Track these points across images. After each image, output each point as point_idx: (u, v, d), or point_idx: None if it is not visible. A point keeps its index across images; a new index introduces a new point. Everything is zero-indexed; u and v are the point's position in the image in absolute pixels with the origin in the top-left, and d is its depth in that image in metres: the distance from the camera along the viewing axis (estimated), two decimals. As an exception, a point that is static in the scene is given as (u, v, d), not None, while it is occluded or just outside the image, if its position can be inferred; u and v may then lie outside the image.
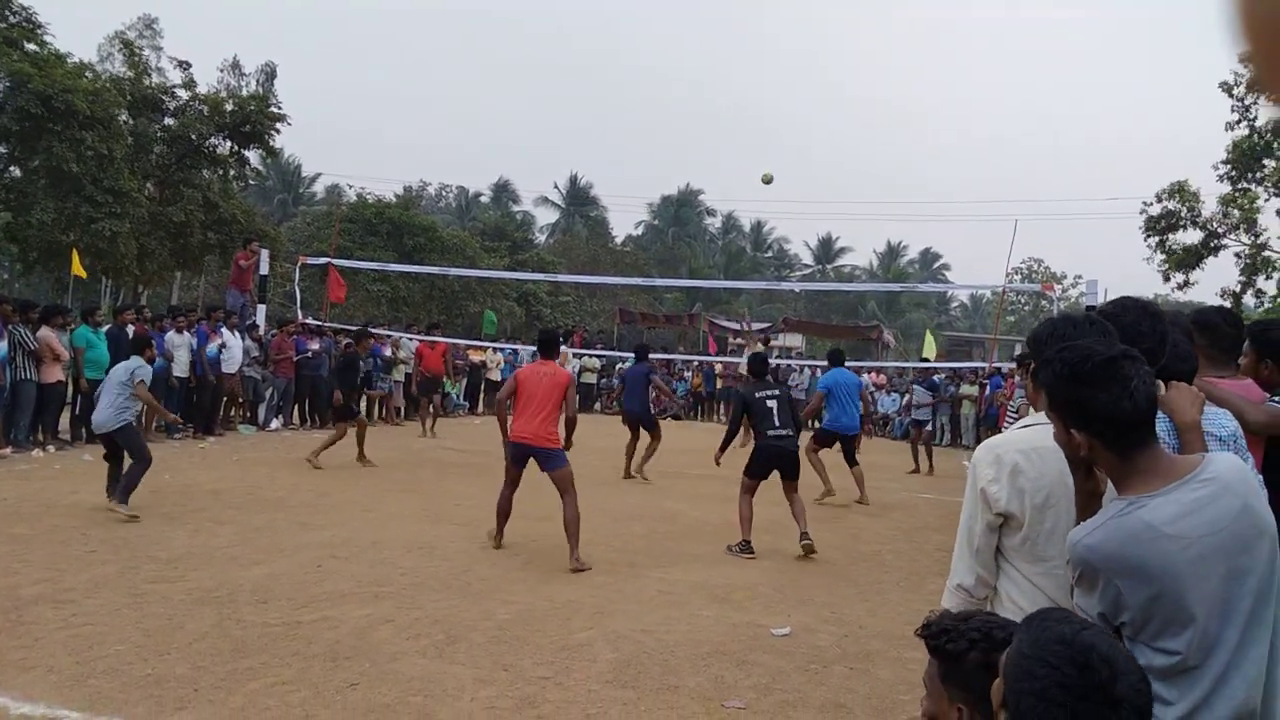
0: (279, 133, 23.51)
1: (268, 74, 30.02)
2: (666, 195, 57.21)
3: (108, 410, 7.31)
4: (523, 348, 20.49)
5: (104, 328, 11.58)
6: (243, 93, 25.99)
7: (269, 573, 5.64)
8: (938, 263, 61.28)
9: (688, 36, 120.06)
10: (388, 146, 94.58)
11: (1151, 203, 20.99)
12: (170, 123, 22.50)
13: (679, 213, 56.27)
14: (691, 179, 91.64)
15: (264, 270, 16.21)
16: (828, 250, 58.76)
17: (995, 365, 19.00)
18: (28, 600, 4.78)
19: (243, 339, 13.61)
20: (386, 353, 16.74)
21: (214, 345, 12.80)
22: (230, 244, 21.62)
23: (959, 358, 33.69)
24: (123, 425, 7.33)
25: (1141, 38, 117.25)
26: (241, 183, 26.44)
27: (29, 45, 19.11)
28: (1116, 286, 13.46)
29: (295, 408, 15.18)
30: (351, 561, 6.06)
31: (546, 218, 56.76)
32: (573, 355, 20.96)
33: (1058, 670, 1.37)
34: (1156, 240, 21.17)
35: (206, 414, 12.82)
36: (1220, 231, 20.58)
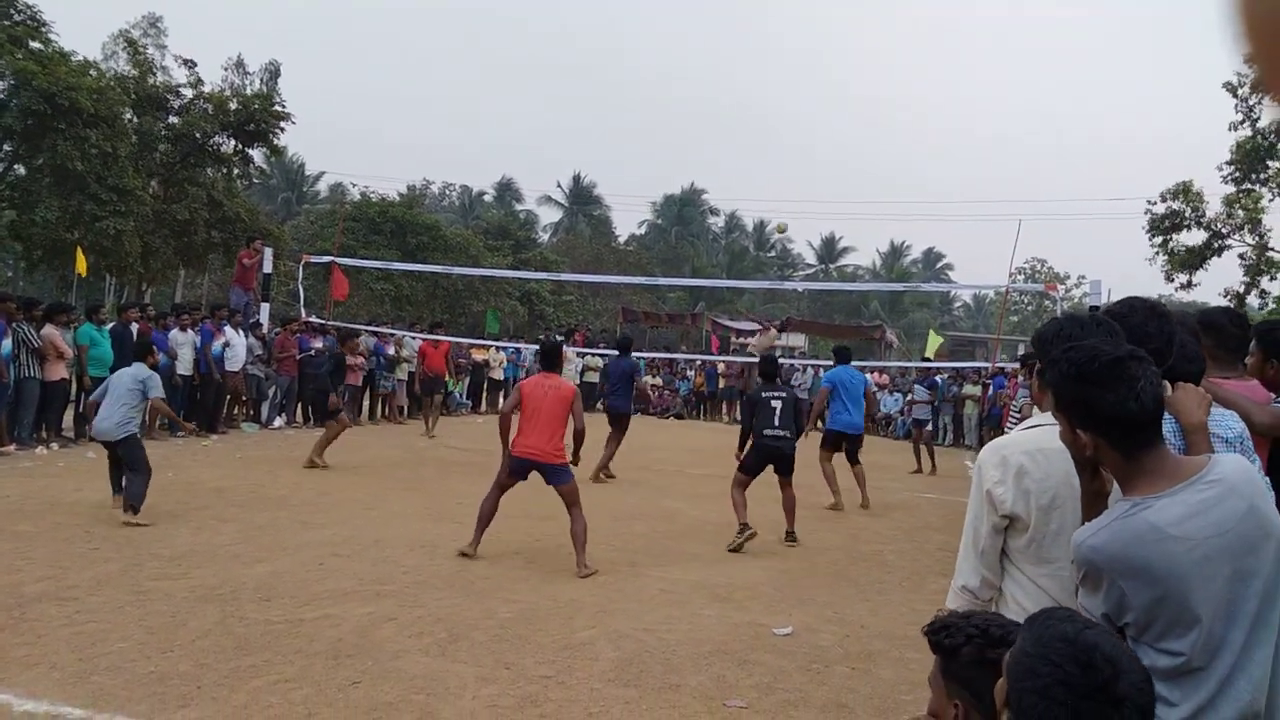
0: (283, 131, 23.61)
1: (272, 72, 30.06)
2: (670, 194, 57.33)
3: (111, 420, 7.02)
4: (525, 347, 20.47)
5: (108, 325, 11.60)
6: (247, 91, 26.03)
7: (272, 570, 5.65)
8: (941, 262, 61.30)
9: (691, 35, 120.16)
10: (391, 145, 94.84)
11: (1156, 203, 20.98)
12: (175, 121, 22.56)
13: (682, 212, 56.30)
14: (695, 178, 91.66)
15: (267, 269, 16.22)
16: (831, 250, 58.78)
17: (998, 365, 18.98)
18: (31, 597, 4.78)
19: (246, 337, 13.63)
20: (390, 351, 16.75)
21: (219, 344, 12.82)
22: (234, 242, 21.67)
23: (962, 358, 33.69)
24: (126, 437, 7.03)
25: (1145, 36, 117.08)
26: (245, 181, 26.53)
27: (33, 43, 19.16)
28: (1120, 287, 13.44)
29: (298, 406, 15.20)
30: (354, 560, 6.06)
31: (550, 217, 56.94)
32: (576, 355, 20.92)
33: (1060, 668, 1.37)
34: (1160, 240, 21.15)
35: (210, 412, 12.84)
36: (1224, 232, 20.55)
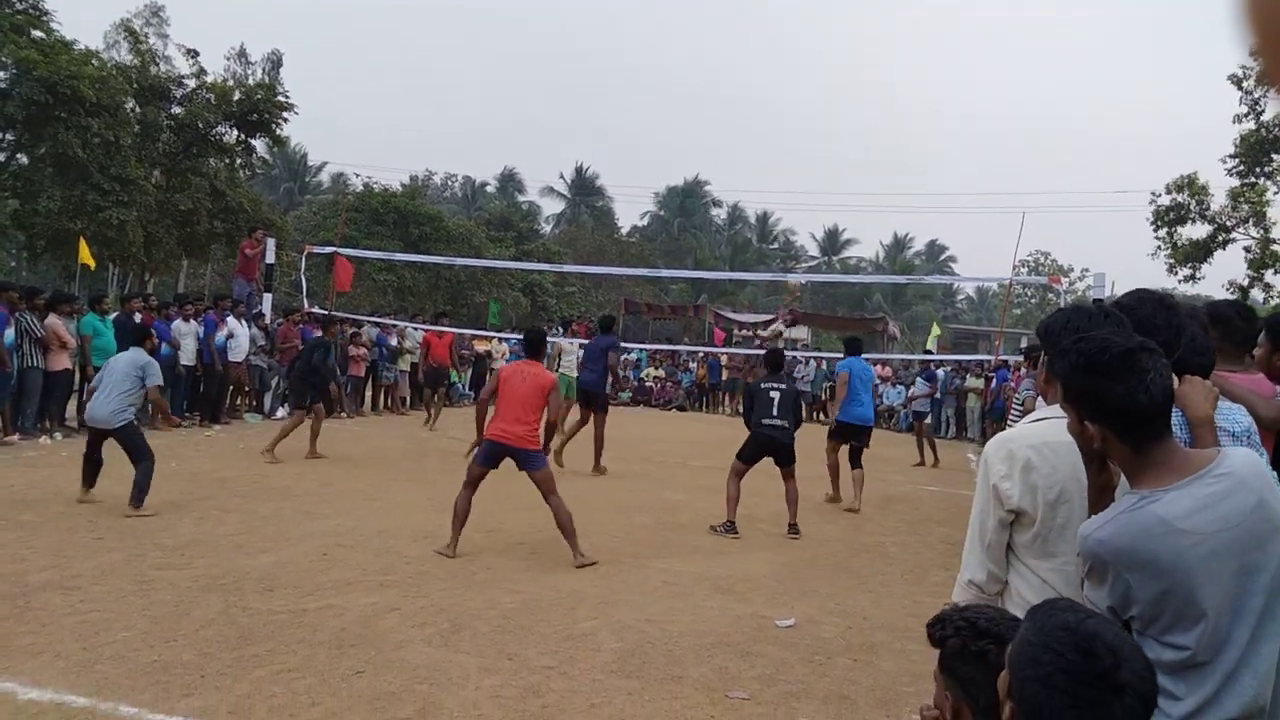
0: (286, 121, 23.56)
1: (274, 62, 29.96)
2: (672, 186, 57.19)
3: (107, 406, 6.84)
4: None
5: (111, 315, 11.61)
6: (249, 81, 25.96)
7: (275, 561, 5.66)
8: (944, 255, 61.17)
9: (695, 25, 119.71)
10: (393, 135, 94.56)
11: (1160, 195, 20.91)
12: (177, 111, 22.52)
13: (685, 203, 56.19)
14: (698, 170, 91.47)
15: (270, 259, 16.24)
16: (834, 242, 58.64)
17: (1001, 358, 18.94)
18: (35, 586, 4.80)
19: (249, 328, 13.64)
20: (392, 342, 16.76)
21: (222, 334, 12.83)
22: (237, 232, 21.64)
23: (965, 350, 33.63)
24: (123, 424, 6.86)
25: (1146, 35, 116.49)
26: (248, 171, 26.47)
27: (35, 32, 19.10)
28: (1124, 280, 13.42)
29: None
30: (357, 550, 6.08)
31: (552, 208, 56.86)
32: (578, 346, 20.89)
33: (1062, 656, 1.37)
34: (1165, 233, 21.09)
35: (213, 402, 12.86)
36: (1229, 225, 20.48)
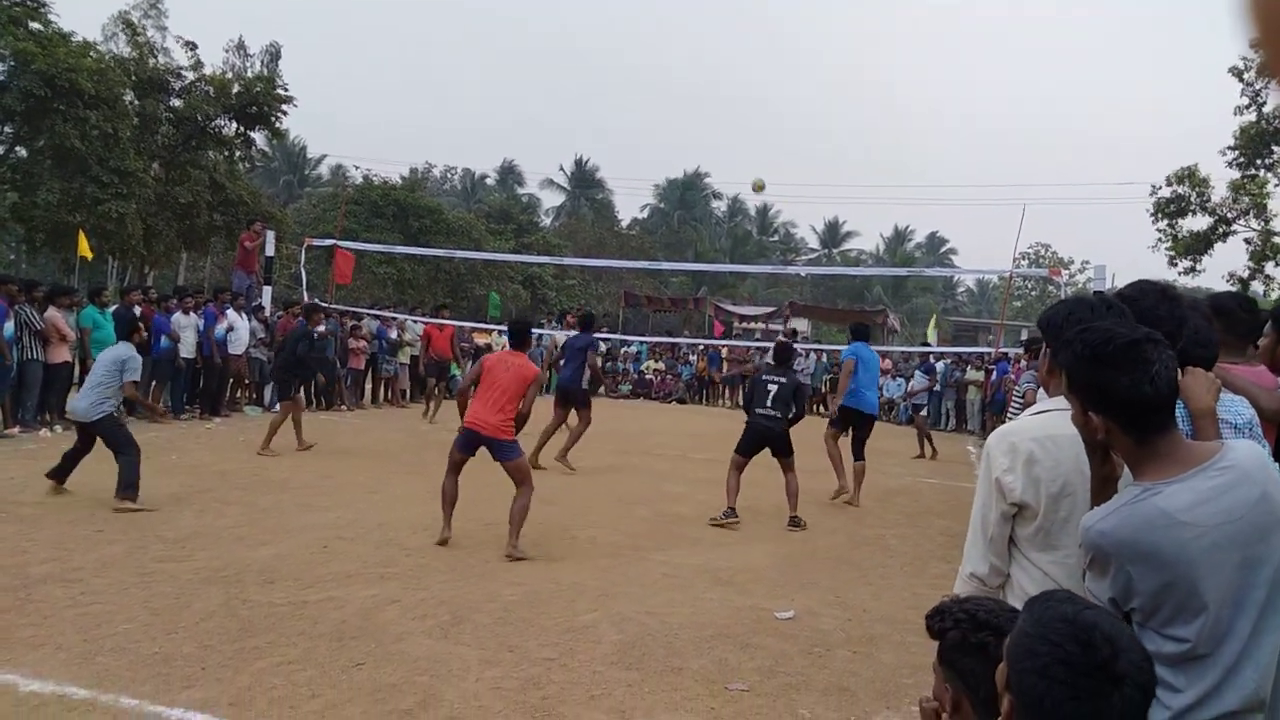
0: (285, 114, 23.51)
1: (272, 54, 29.88)
2: (672, 178, 57.00)
3: (86, 399, 6.86)
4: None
5: (110, 308, 11.60)
6: (247, 73, 25.90)
7: (275, 553, 5.66)
8: (944, 247, 61.02)
9: (692, 25, 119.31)
10: (392, 131, 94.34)
11: (1161, 187, 20.87)
12: (176, 103, 22.46)
13: (685, 196, 56.05)
14: (697, 162, 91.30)
15: (269, 252, 16.22)
16: (834, 234, 58.54)
17: (1002, 350, 18.94)
18: (36, 579, 4.80)
19: (249, 320, 13.63)
20: (392, 335, 16.75)
21: (221, 327, 12.82)
22: (236, 225, 21.63)
23: (965, 343, 33.64)
24: (101, 417, 6.83)
25: (1146, 35, 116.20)
26: (247, 164, 26.42)
27: (33, 24, 19.04)
28: (1124, 272, 13.38)
29: (301, 388, 15.17)
30: (357, 542, 6.08)
31: (552, 200, 56.73)
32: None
33: (1060, 647, 1.37)
34: (1165, 225, 21.05)
35: (213, 395, 12.86)
36: (1230, 217, 20.44)
